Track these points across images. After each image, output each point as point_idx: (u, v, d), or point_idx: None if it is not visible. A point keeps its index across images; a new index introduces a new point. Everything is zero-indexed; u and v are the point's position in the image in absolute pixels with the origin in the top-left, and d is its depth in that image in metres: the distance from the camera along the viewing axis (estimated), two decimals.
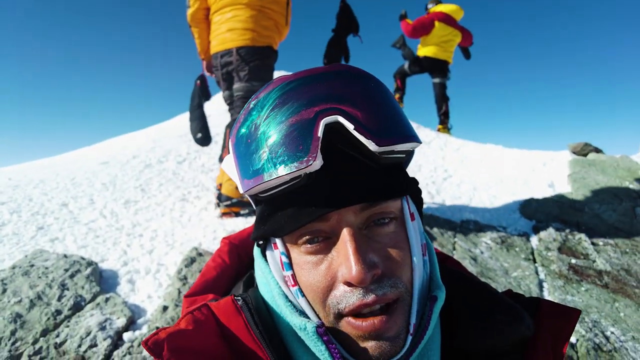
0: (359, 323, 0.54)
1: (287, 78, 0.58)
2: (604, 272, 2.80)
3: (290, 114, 0.54)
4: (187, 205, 3.42)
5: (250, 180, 0.56)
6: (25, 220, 2.91)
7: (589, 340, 2.04)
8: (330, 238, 0.56)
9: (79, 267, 2.19)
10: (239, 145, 0.59)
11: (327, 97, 0.55)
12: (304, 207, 0.55)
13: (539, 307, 0.67)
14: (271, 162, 0.53)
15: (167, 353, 0.55)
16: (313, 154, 0.51)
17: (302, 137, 0.52)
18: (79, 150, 5.97)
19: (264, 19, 3.01)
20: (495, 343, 0.63)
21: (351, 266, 0.51)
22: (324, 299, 0.56)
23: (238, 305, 0.62)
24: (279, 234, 0.59)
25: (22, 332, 1.74)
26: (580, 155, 5.36)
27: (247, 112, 0.59)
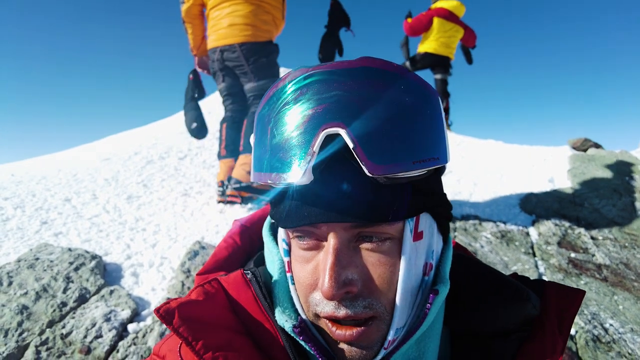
0: (334, 329, 0.55)
1: (306, 71, 0.54)
2: (603, 265, 2.82)
3: (296, 117, 0.51)
4: (189, 200, 3.45)
5: (255, 173, 0.58)
6: (29, 215, 2.93)
7: (588, 332, 2.07)
8: (322, 240, 0.56)
9: (83, 260, 2.21)
10: (257, 132, 0.59)
11: (337, 102, 0.50)
12: (297, 210, 0.55)
13: (544, 288, 0.68)
14: (269, 164, 0.54)
15: (178, 321, 0.56)
16: (302, 169, 0.49)
17: (299, 147, 0.50)
18: (80, 147, 5.99)
19: (263, 13, 3.05)
20: (501, 323, 0.64)
21: (324, 281, 0.51)
22: (307, 296, 0.57)
23: (247, 279, 0.64)
24: (278, 224, 0.60)
25: (29, 323, 1.76)
26: (580, 150, 5.38)
27: (266, 99, 0.57)
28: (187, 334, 0.55)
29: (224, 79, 3.24)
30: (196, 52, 3.41)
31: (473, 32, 5.72)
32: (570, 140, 5.61)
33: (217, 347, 0.55)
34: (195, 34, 3.30)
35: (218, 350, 0.55)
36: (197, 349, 0.55)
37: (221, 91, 3.36)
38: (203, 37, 3.38)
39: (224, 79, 3.24)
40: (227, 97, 3.36)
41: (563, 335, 0.63)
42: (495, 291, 0.66)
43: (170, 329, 0.56)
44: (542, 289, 0.68)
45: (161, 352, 0.63)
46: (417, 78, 0.55)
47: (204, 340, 0.55)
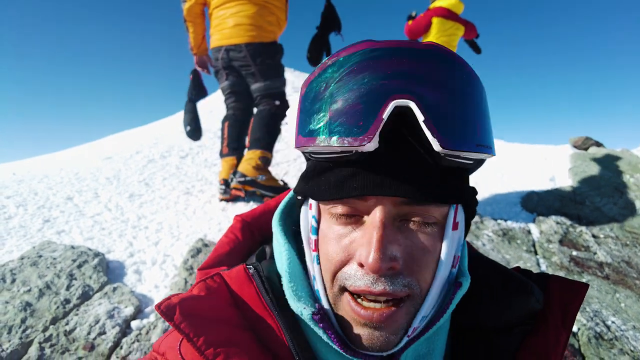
0: (357, 308, 0.54)
1: (373, 44, 0.53)
2: (605, 263, 2.83)
3: (363, 84, 0.50)
4: (191, 199, 3.45)
5: (303, 138, 0.55)
6: (32, 214, 2.93)
7: (590, 329, 2.07)
8: (361, 217, 0.55)
9: (86, 257, 2.21)
10: (305, 99, 0.57)
11: (407, 76, 0.50)
12: (347, 181, 0.53)
13: (548, 282, 0.68)
14: (327, 128, 0.51)
15: (179, 317, 0.55)
16: (370, 134, 0.48)
17: (365, 113, 0.49)
18: (81, 146, 5.99)
19: (268, 14, 3.07)
20: (506, 317, 0.64)
21: (370, 251, 0.50)
22: (335, 272, 0.56)
23: (249, 274, 0.64)
24: (316, 197, 0.58)
25: (32, 320, 1.76)
26: (581, 149, 5.38)
27: (322, 69, 0.55)
28: (189, 330, 0.54)
29: (228, 77, 3.25)
30: (196, 51, 3.42)
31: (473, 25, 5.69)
32: (571, 139, 5.61)
33: (218, 343, 0.55)
34: (196, 32, 3.31)
35: (220, 347, 0.54)
36: (198, 345, 0.54)
37: (224, 89, 3.37)
38: (204, 36, 3.39)
39: (227, 77, 3.25)
40: (229, 95, 3.37)
41: (566, 329, 0.63)
42: (501, 285, 0.66)
43: (172, 325, 0.55)
44: (545, 283, 0.68)
45: (161, 349, 0.62)
46: (473, 70, 0.56)
47: (205, 336, 0.55)
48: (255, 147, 3.13)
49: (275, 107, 3.23)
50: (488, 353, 0.63)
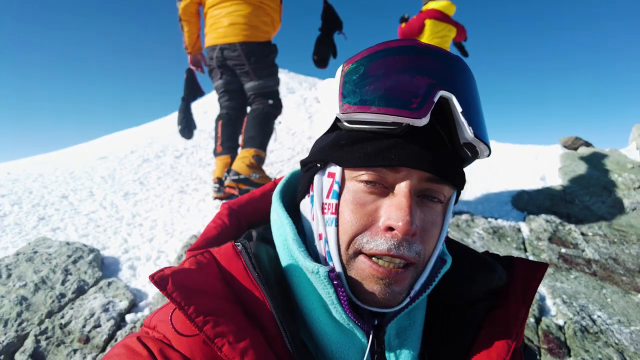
0: (375, 266, 0.59)
1: (418, 44, 0.62)
2: (593, 260, 2.88)
3: (416, 71, 0.58)
4: (185, 197, 3.48)
5: (353, 106, 0.59)
6: (27, 212, 2.95)
7: (577, 323, 2.12)
8: (386, 187, 0.61)
9: (81, 253, 2.24)
10: (353, 73, 0.61)
11: (447, 74, 0.60)
12: (385, 152, 0.59)
13: (512, 263, 0.76)
14: (384, 99, 0.57)
15: (171, 287, 0.58)
16: (425, 112, 0.56)
17: (420, 93, 0.57)
18: (76, 146, 5.99)
19: (263, 14, 3.11)
20: (471, 293, 0.70)
21: (403, 216, 0.56)
22: (355, 235, 0.61)
23: (237, 250, 0.67)
24: (346, 163, 0.62)
25: (28, 313, 1.79)
26: (570, 149, 5.46)
27: (373, 52, 0.62)
28: (180, 299, 0.57)
29: (222, 76, 3.28)
30: (191, 50, 3.45)
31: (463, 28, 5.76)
32: (561, 139, 5.69)
33: (207, 312, 0.58)
34: (191, 31, 3.35)
35: (209, 315, 0.57)
36: (189, 313, 0.57)
37: (217, 88, 3.40)
38: (198, 36, 3.42)
39: (221, 76, 3.28)
40: (223, 94, 3.40)
41: (526, 303, 0.70)
42: (468, 264, 0.73)
43: (164, 294, 0.58)
44: (510, 264, 0.76)
45: (152, 323, 0.65)
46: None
47: (195, 305, 0.57)
48: (249, 145, 3.17)
49: (269, 106, 3.26)
50: (456, 326, 0.69)
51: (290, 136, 5.78)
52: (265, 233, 0.77)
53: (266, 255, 0.70)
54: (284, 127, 6.03)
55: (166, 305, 0.68)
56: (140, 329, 0.67)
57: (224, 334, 0.57)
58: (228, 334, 0.57)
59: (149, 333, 0.64)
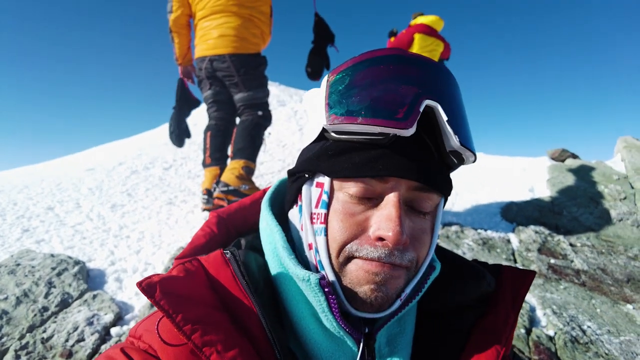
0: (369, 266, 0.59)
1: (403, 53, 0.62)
2: (582, 271, 2.90)
3: (401, 80, 0.58)
4: (173, 209, 3.44)
5: (340, 117, 0.59)
6: (10, 223, 2.89)
7: (567, 333, 2.12)
8: (374, 198, 0.61)
9: (66, 265, 2.19)
10: (339, 83, 0.61)
11: (432, 84, 0.60)
12: (371, 162, 0.59)
13: (501, 271, 0.76)
14: (370, 109, 0.57)
15: (159, 295, 0.57)
16: (411, 122, 0.56)
17: (406, 103, 0.57)
18: (63, 158, 5.92)
19: (253, 27, 3.14)
20: (460, 299, 0.71)
21: (393, 226, 0.56)
22: (344, 244, 0.60)
23: (226, 258, 0.66)
24: (335, 174, 0.62)
25: (8, 328, 1.73)
26: (558, 161, 5.53)
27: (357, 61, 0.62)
28: (168, 307, 0.56)
29: (211, 87, 3.29)
30: (181, 61, 3.46)
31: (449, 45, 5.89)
32: (548, 151, 5.77)
33: (195, 320, 0.57)
34: (181, 43, 3.36)
35: (197, 323, 0.56)
36: (177, 321, 0.56)
37: (206, 99, 3.40)
38: (189, 47, 3.44)
39: (210, 86, 3.29)
40: (212, 105, 3.40)
41: (515, 310, 0.70)
42: (457, 271, 0.73)
43: (152, 302, 0.57)
44: (498, 271, 0.76)
45: (137, 333, 0.64)
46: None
47: (183, 313, 0.56)
48: (239, 157, 3.15)
49: (258, 117, 3.27)
50: (446, 333, 0.69)
51: (280, 148, 5.78)
52: (254, 241, 0.76)
53: (255, 263, 0.69)
54: (274, 139, 6.03)
55: (152, 314, 0.67)
56: (126, 339, 0.66)
57: (213, 342, 0.56)
58: (216, 342, 0.56)
59: (134, 343, 0.63)
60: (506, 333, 0.67)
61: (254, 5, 3.14)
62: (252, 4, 3.13)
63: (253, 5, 3.14)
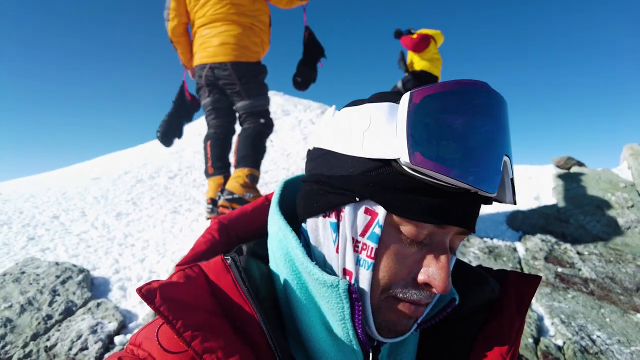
0: (409, 307, 0.59)
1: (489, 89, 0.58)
2: (590, 280, 2.86)
3: (490, 132, 0.56)
4: (178, 217, 3.44)
5: (429, 161, 0.53)
6: (16, 232, 2.90)
7: (576, 343, 2.08)
8: (424, 241, 0.59)
9: (70, 273, 2.19)
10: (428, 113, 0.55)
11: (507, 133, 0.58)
12: (440, 208, 0.56)
13: (505, 276, 0.74)
14: (464, 166, 0.53)
15: (159, 300, 0.56)
16: (497, 185, 0.55)
17: (492, 164, 0.55)
18: (70, 167, 5.96)
19: (253, 35, 3.17)
20: (464, 305, 0.69)
21: (444, 278, 0.56)
22: (392, 283, 0.59)
23: (227, 264, 0.65)
24: (398, 211, 0.58)
25: (12, 336, 1.73)
26: (563, 168, 5.50)
27: (451, 89, 0.55)
28: (168, 313, 0.56)
29: (210, 94, 3.30)
30: (188, 65, 3.50)
31: None
32: (554, 159, 5.75)
33: (196, 327, 0.56)
34: (183, 50, 3.39)
35: (197, 330, 0.56)
36: (177, 327, 0.55)
37: (205, 106, 3.42)
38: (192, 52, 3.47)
39: (209, 94, 3.31)
40: (211, 112, 3.42)
41: (520, 316, 0.69)
42: (460, 278, 0.72)
43: (152, 308, 0.56)
44: (503, 276, 0.75)
45: (137, 341, 0.63)
46: None
47: (183, 319, 0.56)
48: (243, 165, 3.16)
49: (261, 125, 3.28)
50: (451, 340, 0.68)
51: (285, 157, 5.79)
52: (255, 248, 0.75)
53: (257, 269, 0.68)
54: (278, 148, 6.05)
55: (153, 321, 0.66)
56: (126, 346, 0.65)
57: (213, 349, 0.55)
58: (217, 349, 0.55)
59: (133, 351, 0.62)
60: (512, 339, 0.66)
61: (254, 14, 3.18)
62: (253, 13, 3.16)
63: (253, 14, 3.17)
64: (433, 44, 5.68)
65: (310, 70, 3.64)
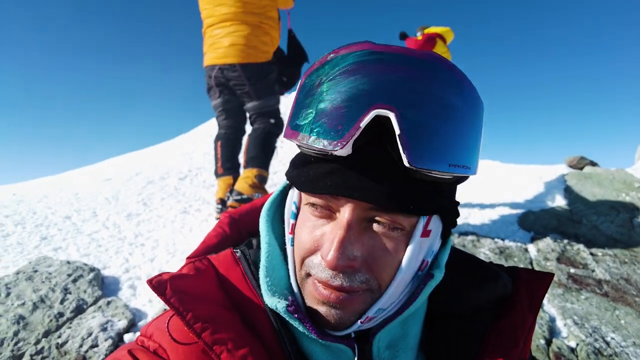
0: (321, 288, 0.56)
1: (372, 47, 0.53)
2: (604, 281, 2.81)
3: (351, 88, 0.51)
4: (188, 218, 3.46)
5: (290, 131, 0.56)
6: (29, 231, 2.95)
7: (589, 345, 2.05)
8: (334, 212, 0.56)
9: (81, 272, 2.21)
10: (301, 91, 0.57)
11: (395, 86, 0.50)
12: (323, 178, 0.54)
13: (517, 273, 0.73)
14: (309, 126, 0.52)
15: (170, 292, 0.57)
16: (345, 141, 0.49)
17: (346, 118, 0.50)
18: (82, 169, 6.04)
19: (263, 34, 3.18)
20: (476, 302, 0.68)
21: (329, 250, 0.53)
22: (304, 258, 0.59)
23: (236, 257, 0.66)
24: (297, 186, 0.60)
25: (25, 333, 1.75)
26: (576, 168, 5.42)
27: (321, 63, 0.56)
28: (178, 305, 0.57)
29: (220, 94, 3.32)
30: None
31: None
32: (566, 159, 5.67)
33: (206, 319, 0.57)
34: None
35: (207, 322, 0.56)
36: (187, 319, 0.56)
37: (216, 107, 3.43)
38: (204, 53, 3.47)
39: (220, 94, 3.32)
40: (221, 113, 3.43)
41: (533, 312, 0.67)
42: (471, 273, 0.70)
43: (163, 300, 0.57)
44: (515, 273, 0.73)
45: (148, 332, 0.64)
46: (473, 87, 0.56)
47: (193, 311, 0.57)
48: (252, 165, 3.17)
49: (271, 125, 3.29)
50: (461, 336, 0.66)
51: None
52: None
53: None
54: (287, 149, 6.06)
55: (164, 313, 0.67)
56: (137, 338, 0.66)
57: (223, 341, 0.55)
58: (227, 341, 0.56)
59: (144, 342, 0.63)
60: (523, 336, 0.64)
61: (262, 11, 3.18)
62: (261, 10, 3.16)
63: (261, 11, 3.17)
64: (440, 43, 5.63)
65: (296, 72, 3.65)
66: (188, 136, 7.56)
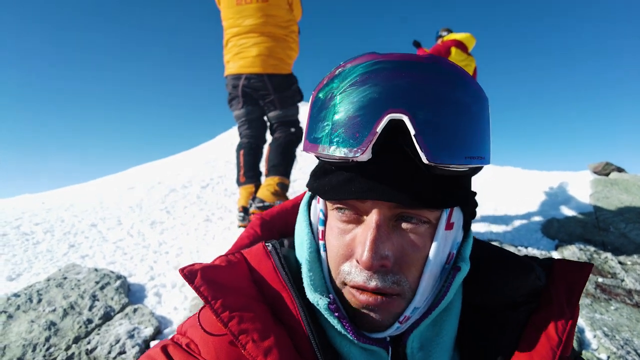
0: (358, 294, 0.58)
1: (376, 57, 0.57)
2: (634, 291, 2.72)
3: (363, 97, 0.54)
4: (210, 225, 3.51)
5: (309, 144, 0.60)
6: (58, 239, 3.03)
7: (621, 358, 1.98)
8: (361, 216, 0.59)
9: (108, 279, 2.27)
10: (314, 106, 0.61)
11: (405, 90, 0.53)
12: (347, 184, 0.57)
13: (553, 264, 0.71)
14: (328, 137, 0.56)
15: (199, 280, 0.60)
16: (364, 146, 0.52)
17: (362, 125, 0.53)
18: (106, 177, 6.19)
19: (288, 47, 3.26)
20: (510, 294, 0.67)
21: (364, 251, 0.55)
22: (339, 265, 0.61)
23: (268, 250, 0.68)
24: (321, 195, 0.63)
25: (56, 338, 1.80)
26: (601, 174, 5.28)
27: (330, 78, 0.60)
28: (207, 293, 0.59)
29: (244, 105, 3.38)
30: None
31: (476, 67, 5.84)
32: (590, 165, 5.53)
33: (234, 308, 0.58)
34: None
35: (235, 311, 0.58)
36: (215, 307, 0.58)
37: (238, 117, 3.49)
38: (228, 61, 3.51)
39: (243, 105, 3.38)
40: (244, 123, 3.49)
41: (570, 306, 0.64)
42: (503, 265, 0.70)
43: (192, 287, 0.60)
44: (550, 265, 0.71)
45: (183, 329, 0.66)
46: (477, 83, 0.60)
47: (222, 299, 0.58)
48: (273, 173, 3.22)
49: (291, 134, 3.35)
50: (499, 328, 0.66)
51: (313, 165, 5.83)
52: None
53: (295, 261, 0.70)
54: (307, 157, 6.09)
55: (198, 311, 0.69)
56: (172, 335, 0.68)
57: (249, 331, 0.57)
58: (253, 331, 0.57)
59: (178, 339, 0.65)
60: (562, 331, 0.61)
61: (287, 25, 3.26)
62: (287, 24, 3.25)
63: (287, 25, 3.25)
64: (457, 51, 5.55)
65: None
66: (209, 145, 7.69)
